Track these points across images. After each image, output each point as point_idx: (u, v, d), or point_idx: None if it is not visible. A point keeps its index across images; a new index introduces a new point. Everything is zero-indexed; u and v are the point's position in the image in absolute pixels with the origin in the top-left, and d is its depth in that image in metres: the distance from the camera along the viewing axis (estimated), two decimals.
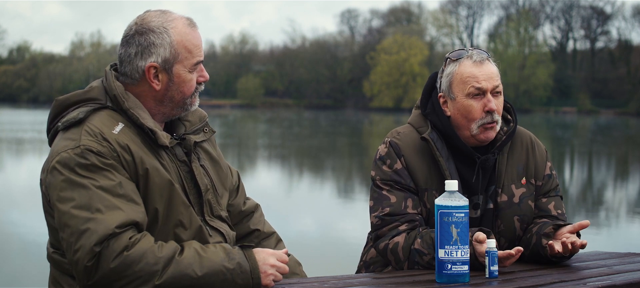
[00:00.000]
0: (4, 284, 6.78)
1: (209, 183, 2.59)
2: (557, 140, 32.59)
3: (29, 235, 9.12)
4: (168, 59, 2.47)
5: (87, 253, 2.23)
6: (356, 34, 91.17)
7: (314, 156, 23.60)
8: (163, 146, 2.47)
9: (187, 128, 2.63)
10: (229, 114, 62.04)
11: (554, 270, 2.72)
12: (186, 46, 2.49)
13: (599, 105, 74.53)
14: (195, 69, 2.53)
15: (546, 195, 3.05)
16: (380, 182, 2.95)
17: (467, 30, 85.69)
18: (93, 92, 2.49)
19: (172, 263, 2.28)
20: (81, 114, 2.42)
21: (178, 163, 2.52)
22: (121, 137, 2.39)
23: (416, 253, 2.80)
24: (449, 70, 2.96)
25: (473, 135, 2.93)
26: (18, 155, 22.21)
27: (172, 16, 2.52)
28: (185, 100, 2.54)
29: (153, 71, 2.48)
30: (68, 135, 2.40)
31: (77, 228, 2.25)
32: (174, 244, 2.35)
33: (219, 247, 2.39)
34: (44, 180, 2.41)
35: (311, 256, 8.23)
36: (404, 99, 76.42)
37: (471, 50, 2.95)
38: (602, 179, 18.41)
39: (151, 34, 2.47)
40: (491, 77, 2.90)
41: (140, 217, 2.33)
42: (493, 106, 2.88)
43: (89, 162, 2.32)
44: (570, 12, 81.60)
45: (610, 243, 9.32)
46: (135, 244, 2.26)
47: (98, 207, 2.27)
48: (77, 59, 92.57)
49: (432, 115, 2.99)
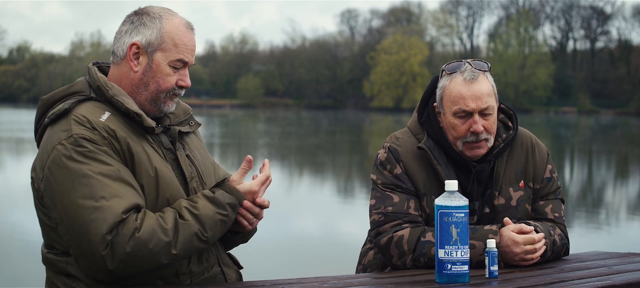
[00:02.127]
0: (4, 284, 6.78)
1: (194, 171, 2.62)
2: (557, 139, 32.59)
3: (29, 235, 9.11)
4: (152, 42, 2.51)
5: (100, 242, 2.26)
6: (356, 34, 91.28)
7: (313, 156, 23.59)
8: (149, 130, 2.51)
9: (172, 120, 2.67)
10: (229, 114, 62.07)
11: (554, 270, 2.72)
12: (173, 39, 2.52)
13: (599, 105, 74.54)
14: (178, 68, 2.55)
15: (544, 198, 3.02)
16: (381, 185, 2.95)
17: (467, 30, 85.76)
18: (77, 86, 2.53)
19: (179, 229, 2.36)
20: (66, 104, 2.45)
21: (164, 150, 2.55)
22: (108, 124, 2.42)
23: (425, 245, 2.79)
24: (442, 83, 2.94)
25: (461, 151, 2.92)
26: (18, 155, 22.21)
27: (173, 13, 2.58)
28: (159, 94, 2.54)
29: (134, 49, 2.52)
30: (57, 127, 2.42)
31: (85, 219, 2.28)
32: (172, 211, 2.40)
33: (204, 200, 2.44)
34: (37, 179, 2.43)
35: (311, 256, 8.24)
36: (404, 99, 76.45)
37: (467, 64, 2.90)
38: (602, 179, 18.40)
39: (145, 16, 2.54)
40: (479, 98, 2.85)
41: (139, 199, 2.38)
42: (478, 128, 2.85)
43: (85, 149, 2.35)
44: (570, 12, 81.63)
45: (610, 243, 9.32)
46: (143, 224, 2.31)
47: (102, 194, 2.30)
48: (77, 59, 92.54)
49: (427, 124, 2.99)
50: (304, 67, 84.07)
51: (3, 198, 13.02)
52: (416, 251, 2.81)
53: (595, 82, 77.53)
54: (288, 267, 7.24)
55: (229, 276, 2.71)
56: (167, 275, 2.49)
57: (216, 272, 2.65)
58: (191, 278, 2.55)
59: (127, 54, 2.53)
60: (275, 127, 42.29)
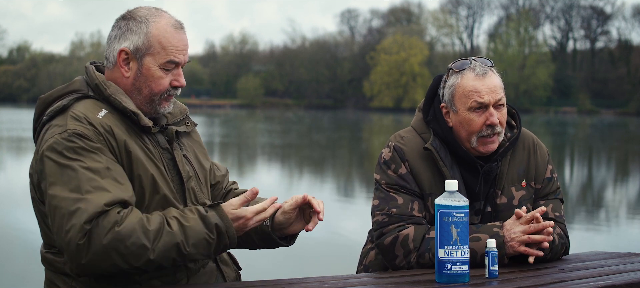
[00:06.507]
0: (5, 284, 6.78)
1: (191, 171, 2.62)
2: (558, 139, 32.59)
3: (30, 234, 9.11)
4: (139, 48, 2.50)
5: (78, 231, 2.25)
6: (356, 34, 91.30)
7: (313, 156, 23.59)
8: (146, 130, 2.51)
9: (169, 120, 2.66)
10: (229, 114, 62.04)
11: (553, 270, 2.72)
12: (161, 42, 2.51)
13: (599, 105, 74.55)
14: (169, 69, 2.54)
15: (545, 197, 3.04)
16: (385, 185, 2.94)
17: (467, 30, 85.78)
18: (75, 84, 2.54)
19: (162, 235, 2.33)
20: (65, 102, 2.46)
21: (160, 150, 2.55)
22: (105, 120, 2.43)
23: (430, 242, 2.80)
24: (451, 81, 2.94)
25: (473, 147, 2.93)
26: (18, 155, 22.20)
27: (160, 13, 2.55)
28: (154, 97, 2.54)
29: (124, 56, 2.51)
30: (54, 123, 2.43)
31: (68, 210, 2.27)
32: (160, 216, 2.38)
33: (196, 214, 2.41)
34: (33, 174, 2.44)
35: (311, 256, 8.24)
36: (404, 99, 76.45)
37: (474, 61, 2.92)
38: (602, 179, 18.40)
39: (132, 21, 2.52)
40: (494, 90, 2.88)
41: (128, 195, 2.36)
42: (495, 120, 2.87)
43: (77, 144, 2.35)
44: (570, 12, 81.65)
45: (610, 243, 9.32)
46: (124, 219, 2.29)
47: (87, 188, 2.29)
48: (77, 59, 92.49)
49: (434, 123, 2.98)
50: (304, 67, 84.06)
51: (3, 197, 13.02)
52: (421, 247, 2.81)
53: (595, 82, 77.54)
54: (288, 267, 7.23)
55: (227, 275, 2.71)
56: (165, 274, 2.49)
57: (212, 268, 2.65)
58: (188, 275, 2.56)
59: (117, 61, 2.52)
60: (275, 126, 42.29)
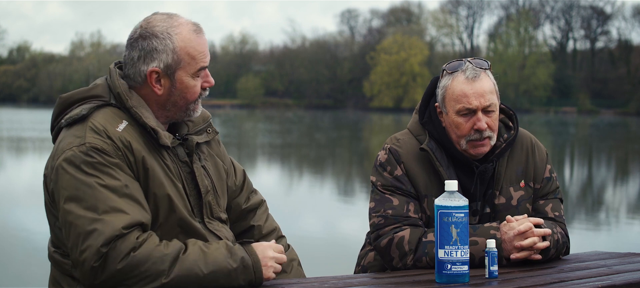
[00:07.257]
0: (7, 284, 6.78)
1: (209, 184, 2.59)
2: (558, 139, 32.58)
3: (31, 234, 9.12)
4: (170, 65, 2.46)
5: (94, 254, 2.23)
6: (356, 34, 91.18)
7: (313, 156, 23.58)
8: (165, 146, 2.47)
9: (190, 128, 2.62)
10: (229, 114, 62.00)
11: (554, 270, 2.72)
12: (189, 52, 2.47)
13: (599, 105, 74.48)
14: (199, 75, 2.51)
15: (544, 197, 3.04)
16: (381, 187, 2.95)
17: (467, 30, 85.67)
18: (97, 89, 2.48)
19: (178, 261, 2.30)
20: (84, 110, 2.41)
21: (180, 163, 2.52)
22: (124, 134, 2.39)
23: (427, 245, 2.80)
24: (443, 83, 2.94)
25: (464, 150, 2.93)
26: (19, 154, 22.20)
27: (177, 21, 2.49)
28: (189, 105, 2.52)
29: (155, 76, 2.47)
30: (72, 131, 2.39)
31: (84, 229, 2.25)
32: (179, 243, 2.35)
33: (221, 244, 2.40)
34: (49, 176, 2.41)
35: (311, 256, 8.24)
36: (404, 99, 76.37)
37: (468, 63, 2.91)
38: (602, 179, 18.40)
39: (154, 39, 2.45)
40: (482, 95, 2.86)
41: (146, 217, 2.34)
42: (482, 125, 2.86)
43: (95, 160, 2.32)
44: (570, 12, 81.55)
45: (610, 243, 9.32)
46: (142, 244, 2.27)
47: (104, 207, 2.27)
48: (77, 59, 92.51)
49: (429, 125, 2.99)
50: (304, 67, 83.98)
51: (5, 197, 13.02)
52: (418, 251, 2.82)
53: (595, 82, 77.47)
54: None
55: None
56: None
57: None
58: None
59: (147, 81, 2.47)
60: (275, 126, 42.27)
